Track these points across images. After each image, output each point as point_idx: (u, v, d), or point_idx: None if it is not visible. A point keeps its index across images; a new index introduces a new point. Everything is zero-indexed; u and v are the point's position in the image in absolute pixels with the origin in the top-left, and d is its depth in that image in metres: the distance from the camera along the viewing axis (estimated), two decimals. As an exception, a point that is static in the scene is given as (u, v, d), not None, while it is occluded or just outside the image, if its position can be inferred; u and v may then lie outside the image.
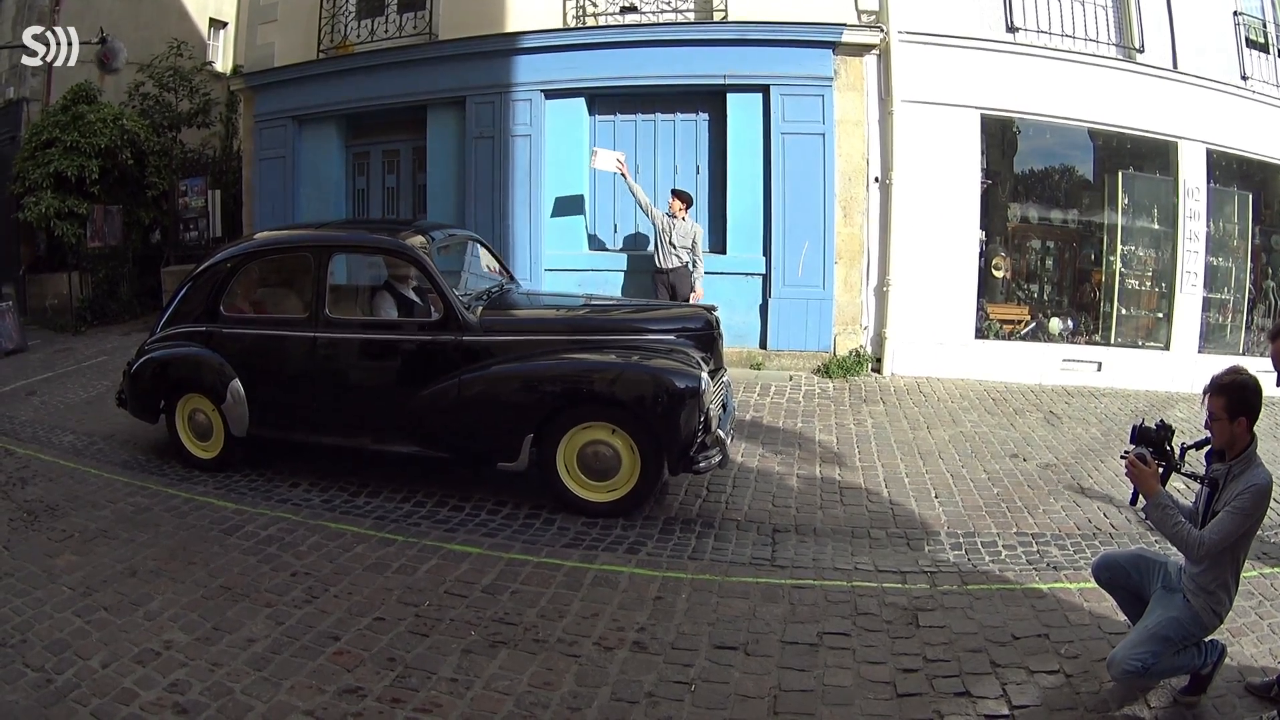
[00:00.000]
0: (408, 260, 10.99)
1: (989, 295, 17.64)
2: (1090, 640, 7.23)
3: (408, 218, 20.24)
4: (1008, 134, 17.86)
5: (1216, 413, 6.05)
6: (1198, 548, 5.92)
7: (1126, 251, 17.72)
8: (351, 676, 6.76)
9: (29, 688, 6.63)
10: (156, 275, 24.17)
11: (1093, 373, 16.88)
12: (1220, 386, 6.06)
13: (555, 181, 18.57)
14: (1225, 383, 6.05)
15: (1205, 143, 17.45)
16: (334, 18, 20.31)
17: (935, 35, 16.67)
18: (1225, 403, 6.00)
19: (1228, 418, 6.00)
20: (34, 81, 27.44)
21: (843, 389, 15.67)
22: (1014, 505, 10.46)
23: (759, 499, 10.60)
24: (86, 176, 22.64)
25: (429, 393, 10.43)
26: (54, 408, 15.55)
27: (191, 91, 27.08)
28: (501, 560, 8.82)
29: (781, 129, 17.08)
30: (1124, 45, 17.30)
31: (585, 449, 9.96)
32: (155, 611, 7.79)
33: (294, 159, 21.28)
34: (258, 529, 9.65)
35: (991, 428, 13.60)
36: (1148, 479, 6.07)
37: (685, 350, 10.40)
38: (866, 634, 7.44)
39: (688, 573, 8.58)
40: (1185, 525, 6.00)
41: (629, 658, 7.04)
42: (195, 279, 12.05)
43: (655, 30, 17.69)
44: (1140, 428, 6.35)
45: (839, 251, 17.15)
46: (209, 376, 11.38)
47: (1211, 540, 5.89)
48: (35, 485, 11.28)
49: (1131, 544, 8.96)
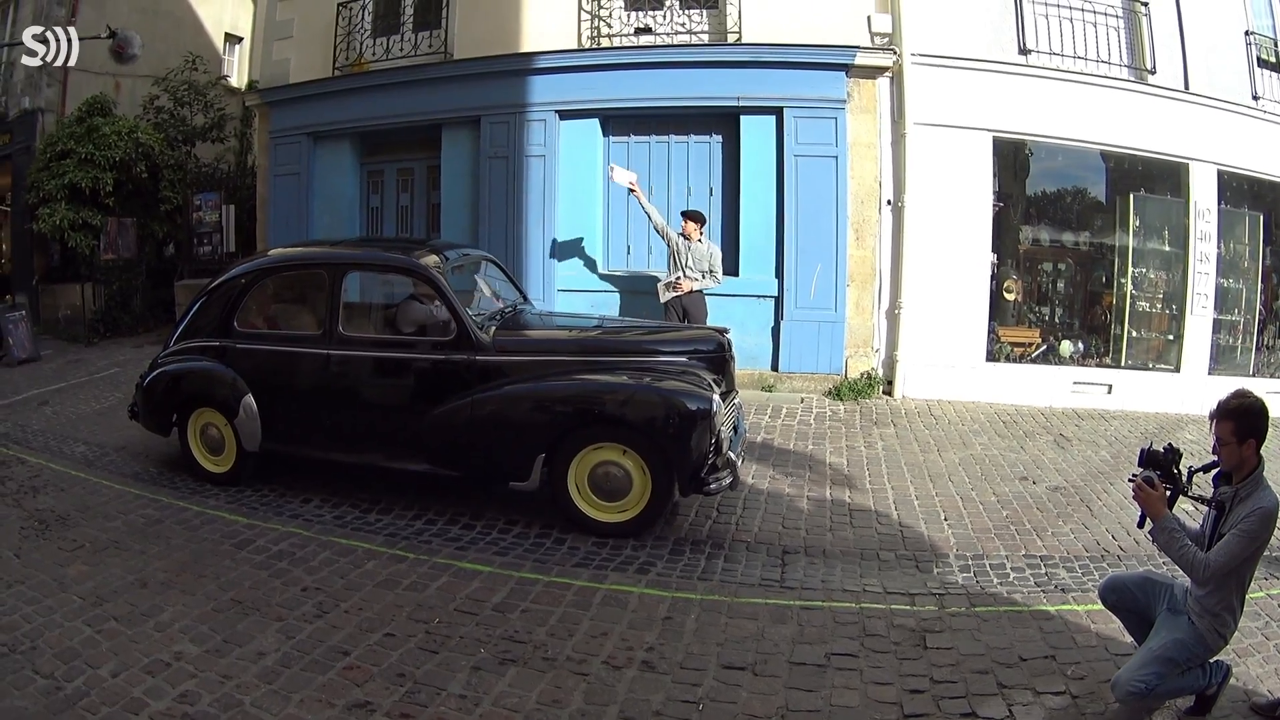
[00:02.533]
0: (422, 279, 10.99)
1: (1000, 318, 17.62)
2: (1097, 662, 7.25)
3: (422, 237, 20.28)
4: (1020, 156, 17.85)
5: (1224, 437, 6.07)
6: (1203, 570, 5.94)
7: (1138, 273, 17.68)
8: (361, 691, 6.79)
9: (38, 694, 6.69)
10: (170, 288, 24.27)
11: (1103, 395, 16.83)
12: (1227, 411, 6.09)
13: (569, 202, 18.58)
14: (1232, 407, 6.09)
15: (1216, 164, 17.44)
16: (349, 35, 20.37)
17: (948, 58, 16.68)
18: (1233, 427, 6.03)
19: (1236, 441, 6.03)
20: (49, 92, 27.59)
21: (854, 411, 15.65)
22: (1023, 528, 10.46)
23: (769, 520, 10.61)
24: (101, 189, 22.77)
25: (442, 411, 10.45)
26: (66, 418, 15.62)
27: (206, 106, 27.22)
28: (512, 579, 8.85)
29: (795, 151, 17.06)
30: (1136, 67, 17.29)
31: (596, 469, 9.98)
32: (165, 623, 7.84)
33: (309, 175, 21.30)
34: (269, 543, 9.69)
35: (1002, 450, 13.58)
36: (1155, 502, 6.09)
37: (697, 372, 10.42)
38: (874, 655, 7.45)
39: (697, 593, 8.59)
40: (1191, 548, 6.02)
41: (637, 677, 7.06)
42: (210, 293, 12.10)
43: (669, 52, 17.71)
44: (1149, 451, 6.37)
45: (851, 274, 17.12)
46: (222, 391, 11.43)
47: (1217, 563, 5.91)
48: (46, 495, 11.36)
49: (1140, 566, 8.95)
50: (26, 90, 27.97)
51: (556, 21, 18.25)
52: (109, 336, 23.49)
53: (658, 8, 18.11)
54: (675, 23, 17.89)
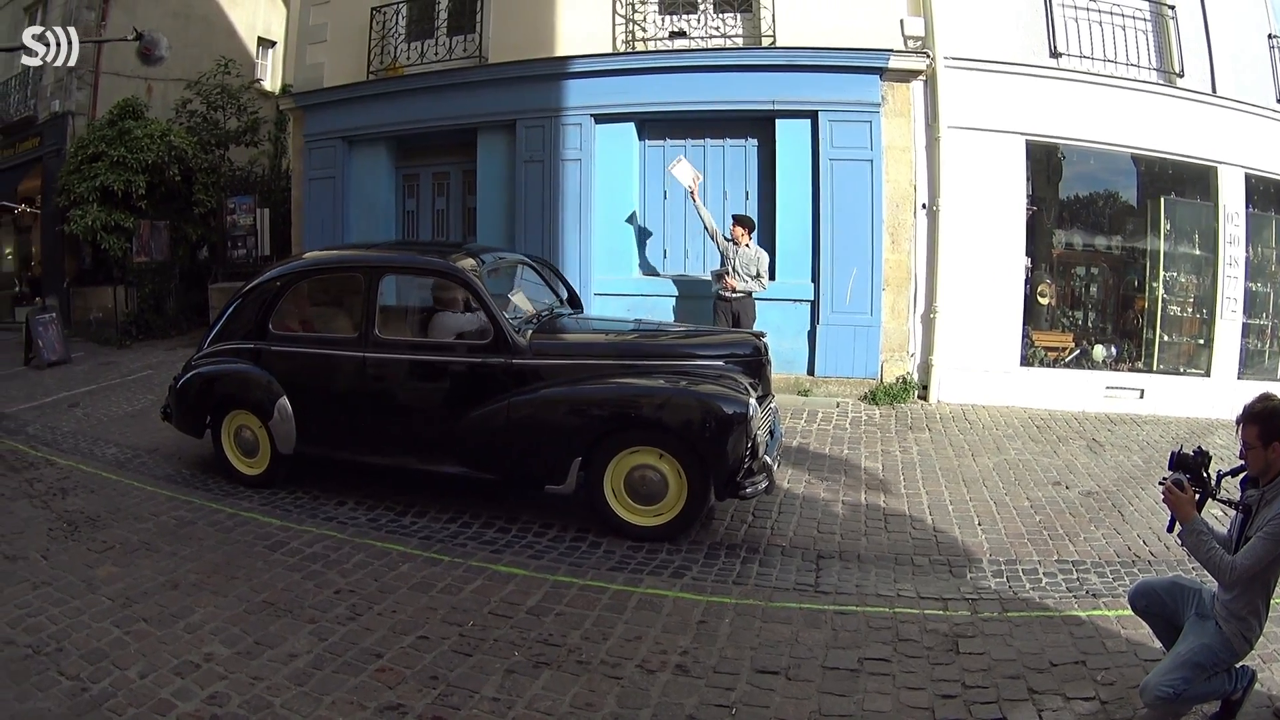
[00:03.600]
0: (458, 283, 11.01)
1: (1034, 322, 17.59)
2: (1126, 667, 7.22)
3: (458, 240, 20.34)
4: (1052, 160, 17.88)
5: (1250, 440, 6.06)
6: (1229, 573, 5.92)
7: (1169, 277, 17.64)
8: (393, 694, 6.79)
9: (63, 695, 6.71)
10: (203, 291, 24.40)
11: (1135, 400, 16.78)
12: (1253, 415, 6.07)
13: (605, 205, 18.62)
14: (1257, 410, 6.07)
15: (1244, 167, 17.40)
16: (383, 39, 20.46)
17: (980, 61, 16.68)
18: (1259, 430, 6.00)
19: (1261, 445, 6.00)
20: (80, 95, 27.81)
21: (889, 416, 15.64)
22: (1055, 533, 10.41)
23: (804, 525, 10.59)
24: (133, 191, 22.92)
25: (478, 414, 10.46)
26: (97, 420, 15.72)
27: (239, 110, 27.33)
28: (547, 582, 8.84)
29: (830, 155, 17.08)
30: (1164, 69, 17.28)
31: (633, 473, 9.96)
32: (196, 624, 7.86)
33: (343, 179, 21.41)
34: (302, 545, 9.72)
35: (1035, 455, 13.54)
36: (1184, 505, 6.06)
37: (733, 376, 10.38)
38: (907, 660, 7.43)
39: (732, 597, 8.57)
40: (1218, 551, 6.00)
41: (671, 680, 7.05)
42: (245, 296, 12.15)
43: (704, 55, 17.73)
44: (1179, 454, 6.35)
45: (886, 278, 17.13)
46: (257, 393, 11.48)
47: (1243, 565, 5.89)
48: (76, 496, 11.42)
49: (1170, 572, 8.91)
50: (56, 93, 28.17)
51: (591, 25, 18.31)
52: (141, 339, 23.63)
53: (692, 11, 18.17)
54: (709, 26, 17.92)
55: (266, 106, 29.34)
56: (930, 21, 16.69)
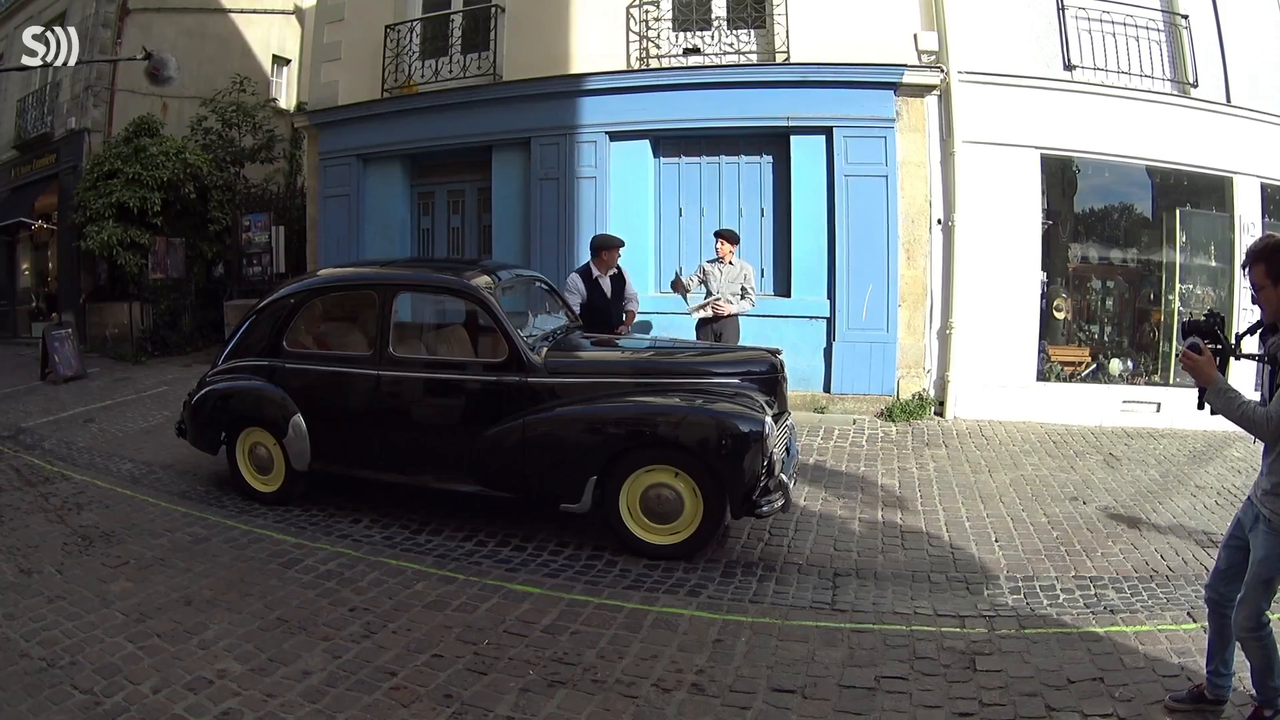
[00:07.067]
0: (473, 300, 11.04)
1: (1050, 337, 17.56)
2: (1144, 684, 7.15)
3: (473, 258, 20.33)
4: (1067, 173, 17.84)
5: (1260, 281, 5.90)
6: (1266, 424, 5.77)
7: (1185, 290, 17.60)
8: (407, 712, 6.76)
9: (76, 709, 6.70)
10: (218, 308, 24.53)
11: (1152, 414, 16.70)
12: (1258, 253, 5.89)
13: (620, 223, 18.44)
14: (1260, 248, 5.91)
15: (1259, 177, 17.33)
16: (398, 58, 20.54)
17: (994, 74, 16.67)
18: (1266, 268, 5.83)
19: (1271, 283, 5.83)
20: (96, 113, 27.95)
21: (905, 432, 15.62)
22: (1072, 548, 10.34)
23: (820, 543, 10.55)
24: (149, 208, 23.06)
25: (493, 433, 10.43)
26: (112, 436, 15.76)
27: (255, 127, 27.44)
28: (562, 601, 8.81)
29: (844, 171, 17.09)
30: (1178, 80, 17.24)
31: (648, 492, 9.92)
32: (210, 640, 7.85)
33: (359, 197, 21.48)
34: (317, 563, 9.71)
35: (1052, 470, 13.48)
36: (1204, 367, 5.94)
37: (750, 394, 10.35)
38: (924, 678, 7.38)
39: (748, 616, 8.52)
40: (1250, 404, 5.86)
41: (686, 699, 7.01)
42: (259, 313, 12.17)
43: (718, 72, 17.77)
44: (1189, 321, 6.28)
45: (902, 294, 17.13)
46: (271, 411, 11.50)
47: (1278, 412, 5.75)
48: (91, 511, 11.46)
49: (1188, 586, 8.93)
50: (73, 110, 28.31)
51: (605, 43, 18.37)
52: (157, 355, 23.73)
53: (706, 28, 18.22)
54: (724, 43, 17.98)
55: (281, 124, 29.47)
56: (944, 36, 16.69)
